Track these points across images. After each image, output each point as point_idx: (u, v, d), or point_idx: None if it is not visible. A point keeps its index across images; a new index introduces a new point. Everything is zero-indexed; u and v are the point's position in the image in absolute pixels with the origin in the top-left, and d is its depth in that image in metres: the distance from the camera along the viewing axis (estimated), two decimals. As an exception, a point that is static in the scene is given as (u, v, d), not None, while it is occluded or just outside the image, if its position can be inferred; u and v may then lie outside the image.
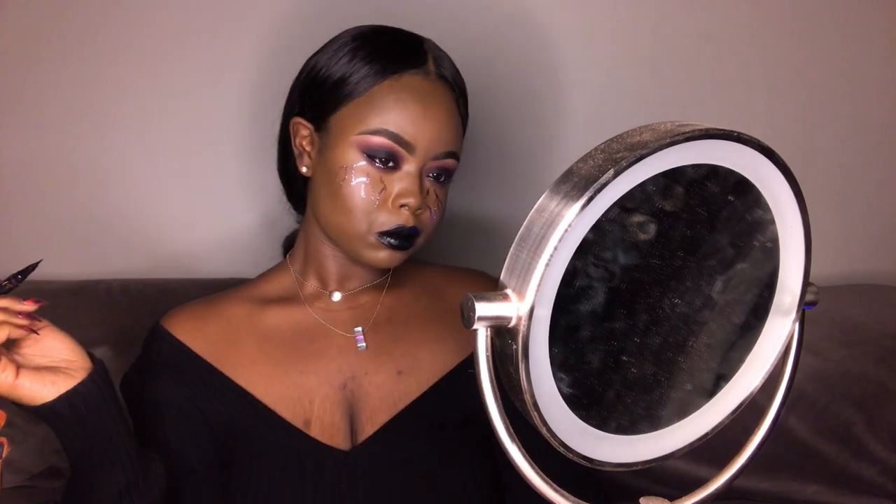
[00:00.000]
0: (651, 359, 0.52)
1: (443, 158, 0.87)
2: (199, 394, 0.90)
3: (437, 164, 0.87)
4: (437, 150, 0.86)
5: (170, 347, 0.92)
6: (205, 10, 1.20)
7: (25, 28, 1.18)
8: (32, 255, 1.24)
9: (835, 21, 1.30)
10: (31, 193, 1.23)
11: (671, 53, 1.29)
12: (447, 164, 0.88)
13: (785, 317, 0.55)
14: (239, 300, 0.96)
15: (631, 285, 0.50)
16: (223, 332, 0.93)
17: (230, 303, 0.96)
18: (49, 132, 1.21)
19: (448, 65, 0.91)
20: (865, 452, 1.15)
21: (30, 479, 1.11)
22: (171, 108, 1.22)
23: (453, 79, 0.90)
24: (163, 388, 0.90)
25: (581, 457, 0.51)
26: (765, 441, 0.59)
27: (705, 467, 1.10)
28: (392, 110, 0.85)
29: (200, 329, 0.93)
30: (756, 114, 1.31)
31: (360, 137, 0.85)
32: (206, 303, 0.96)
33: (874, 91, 1.32)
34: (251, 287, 0.99)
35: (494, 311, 0.46)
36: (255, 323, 0.94)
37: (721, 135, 0.47)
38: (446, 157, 0.87)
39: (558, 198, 0.46)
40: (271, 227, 1.24)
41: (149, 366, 0.92)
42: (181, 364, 0.91)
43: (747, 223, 0.52)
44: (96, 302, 1.17)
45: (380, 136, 0.84)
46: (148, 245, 1.26)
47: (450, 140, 0.87)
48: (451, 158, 0.88)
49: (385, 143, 0.84)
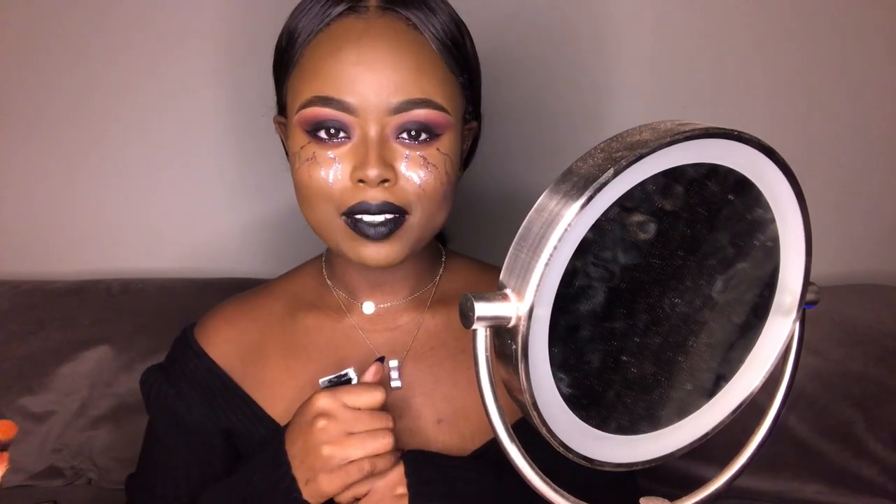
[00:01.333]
0: (651, 359, 0.52)
1: (407, 109, 0.68)
2: (225, 416, 0.81)
3: (402, 118, 0.68)
4: (392, 101, 0.68)
5: (197, 362, 0.83)
6: (205, 10, 1.20)
7: (25, 28, 1.18)
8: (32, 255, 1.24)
9: (835, 20, 1.30)
10: (31, 193, 1.23)
11: (672, 53, 1.29)
12: (418, 117, 0.68)
13: (785, 316, 0.55)
14: (275, 297, 0.85)
15: (631, 285, 0.50)
16: (254, 343, 0.82)
17: (267, 300, 0.85)
18: (49, 132, 1.21)
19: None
20: (865, 452, 1.15)
21: (30, 479, 1.11)
22: (171, 108, 1.22)
23: (413, 11, 0.71)
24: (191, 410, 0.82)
25: (581, 457, 0.51)
26: (765, 441, 0.59)
27: (705, 467, 1.10)
28: (322, 70, 0.68)
29: (232, 340, 0.83)
30: (756, 113, 1.31)
31: (299, 115, 0.70)
32: (241, 303, 0.86)
33: (875, 91, 1.32)
34: (288, 281, 0.87)
35: (494, 311, 0.46)
36: (287, 331, 0.82)
37: (722, 134, 0.47)
38: (412, 108, 0.68)
39: (558, 197, 0.46)
40: (272, 227, 1.25)
41: (175, 378, 0.83)
42: (208, 383, 0.82)
43: (748, 222, 0.52)
44: (96, 302, 1.17)
45: (313, 106, 0.68)
46: (148, 245, 1.26)
47: (406, 84, 0.68)
48: (422, 108, 0.68)
49: (321, 114, 0.68)
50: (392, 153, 0.69)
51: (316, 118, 0.69)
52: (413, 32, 0.70)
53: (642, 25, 1.28)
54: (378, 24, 0.69)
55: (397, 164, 0.70)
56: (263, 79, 1.22)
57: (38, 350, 1.13)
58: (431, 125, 0.70)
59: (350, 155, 0.69)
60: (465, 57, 0.75)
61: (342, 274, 0.81)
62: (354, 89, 0.68)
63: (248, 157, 1.24)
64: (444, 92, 0.71)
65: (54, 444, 1.12)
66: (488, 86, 0.87)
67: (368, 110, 0.68)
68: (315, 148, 0.70)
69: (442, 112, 0.70)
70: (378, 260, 0.71)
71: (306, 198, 0.72)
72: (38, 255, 1.24)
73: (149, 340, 1.13)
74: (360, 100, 0.68)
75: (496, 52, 1.23)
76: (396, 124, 0.69)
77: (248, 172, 1.24)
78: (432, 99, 0.69)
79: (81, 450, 1.13)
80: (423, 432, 0.78)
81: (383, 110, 0.68)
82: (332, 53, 0.68)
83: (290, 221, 1.18)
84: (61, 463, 1.12)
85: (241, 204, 1.26)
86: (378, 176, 0.68)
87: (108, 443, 1.13)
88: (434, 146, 0.70)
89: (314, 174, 0.70)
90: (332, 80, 0.68)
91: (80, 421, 1.13)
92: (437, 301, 0.82)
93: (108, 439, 1.13)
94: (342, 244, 0.72)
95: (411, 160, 0.70)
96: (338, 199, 0.70)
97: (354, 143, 0.69)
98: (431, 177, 0.70)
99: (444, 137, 0.71)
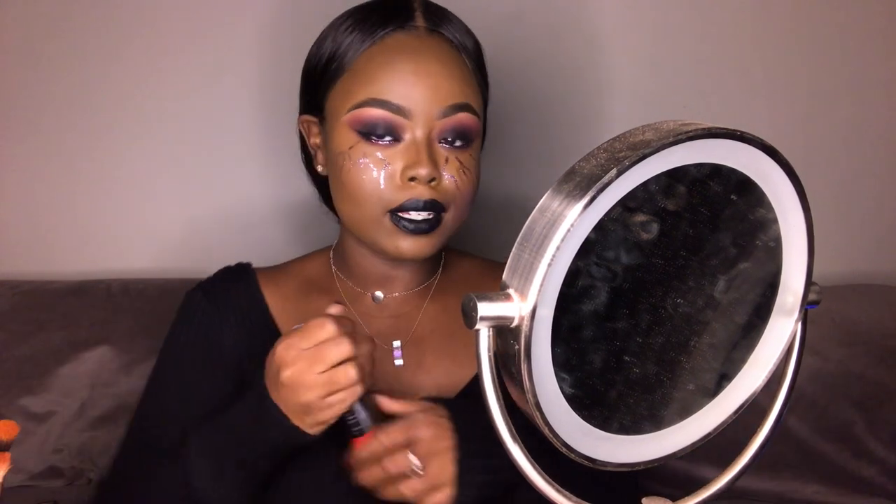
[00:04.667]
0: (653, 359, 0.52)
1: (452, 114, 0.77)
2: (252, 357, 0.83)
3: (448, 122, 0.77)
4: (440, 105, 0.76)
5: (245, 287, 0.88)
6: (205, 10, 1.20)
7: (25, 28, 1.18)
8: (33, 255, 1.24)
9: (835, 20, 1.30)
10: (31, 193, 1.23)
11: (672, 53, 1.29)
12: (461, 120, 0.77)
13: (787, 316, 0.55)
14: (295, 277, 0.91)
15: (633, 285, 0.50)
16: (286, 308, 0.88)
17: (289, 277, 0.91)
18: (49, 132, 1.21)
19: (445, 19, 0.81)
20: (865, 452, 1.15)
21: (30, 480, 1.11)
22: (172, 108, 1.22)
23: (453, 32, 0.81)
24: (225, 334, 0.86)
25: (583, 457, 0.51)
26: (767, 441, 0.59)
27: (707, 467, 1.10)
28: (378, 76, 0.76)
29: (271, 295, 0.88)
30: (758, 113, 1.31)
31: (350, 115, 0.77)
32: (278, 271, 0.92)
33: (876, 91, 1.32)
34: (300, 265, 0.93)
35: (497, 311, 0.46)
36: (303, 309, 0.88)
37: (724, 134, 0.47)
38: (457, 112, 0.77)
39: (560, 197, 0.46)
40: (272, 226, 1.25)
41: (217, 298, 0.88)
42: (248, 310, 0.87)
43: (750, 222, 0.52)
44: (96, 302, 1.17)
45: (368, 107, 0.76)
46: (148, 245, 1.26)
47: (454, 91, 0.77)
48: (464, 112, 0.78)
49: (376, 115, 0.76)
50: (437, 155, 0.78)
51: (371, 118, 0.76)
52: (454, 51, 0.80)
53: (642, 25, 1.28)
54: (428, 42, 0.79)
55: (440, 166, 0.78)
56: (265, 78, 1.22)
57: (38, 350, 1.13)
58: (468, 130, 0.78)
59: (401, 155, 0.77)
60: (485, 78, 0.86)
61: (354, 266, 0.88)
62: (410, 95, 0.76)
63: (249, 158, 1.24)
64: (477, 101, 0.80)
65: (54, 445, 1.12)
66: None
67: (420, 114, 0.76)
68: (365, 148, 0.76)
69: (476, 117, 0.79)
70: (415, 252, 0.78)
71: (354, 197, 0.78)
72: (38, 255, 1.24)
73: (149, 340, 1.13)
74: (414, 104, 0.76)
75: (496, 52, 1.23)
76: (443, 128, 0.77)
77: (248, 173, 1.24)
78: (471, 104, 0.79)
79: (82, 450, 1.12)
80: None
81: (433, 115, 0.76)
82: (388, 63, 0.76)
83: (291, 221, 1.18)
84: (61, 463, 1.12)
85: (241, 204, 1.26)
86: (429, 174, 0.76)
87: (108, 443, 1.13)
88: (468, 151, 0.80)
89: (367, 174, 0.76)
90: (389, 86, 0.76)
91: (81, 421, 1.12)
92: (438, 291, 0.90)
93: (108, 439, 1.13)
94: (382, 239, 0.79)
95: (451, 163, 0.78)
96: (388, 197, 0.77)
97: (405, 144, 0.77)
98: (466, 179, 0.79)
99: (475, 143, 0.81)
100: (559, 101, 1.27)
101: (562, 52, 1.26)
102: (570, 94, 1.27)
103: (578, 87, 1.28)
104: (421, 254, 0.79)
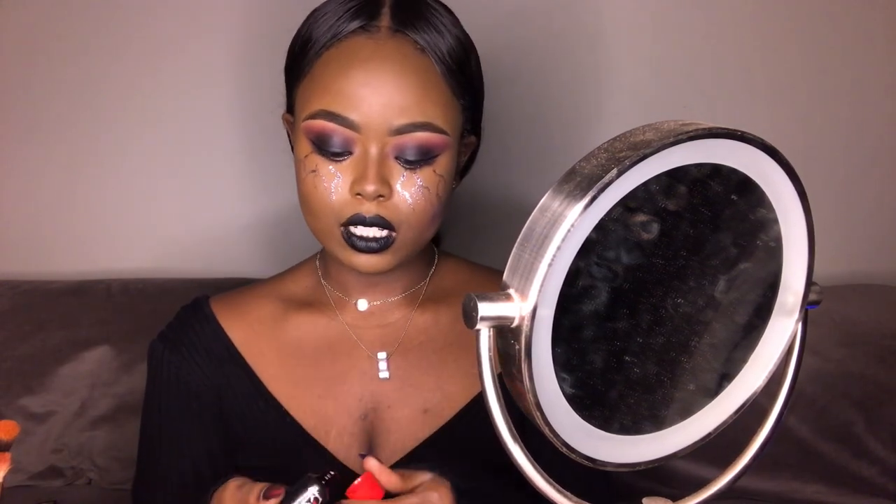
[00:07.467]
0: (654, 359, 0.52)
1: (409, 132, 0.72)
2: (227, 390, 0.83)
3: (403, 140, 0.72)
4: (395, 122, 0.71)
5: (205, 325, 0.85)
6: (205, 11, 1.20)
7: (25, 28, 1.18)
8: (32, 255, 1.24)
9: (835, 20, 1.30)
10: (31, 193, 1.23)
11: (672, 53, 1.29)
12: (419, 140, 0.72)
13: (788, 316, 0.55)
14: (267, 298, 0.87)
15: (634, 285, 0.50)
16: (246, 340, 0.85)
17: (258, 301, 0.87)
18: (49, 132, 1.21)
19: (417, 16, 0.74)
20: (865, 452, 1.15)
21: (30, 479, 1.11)
22: (171, 107, 1.22)
23: (423, 33, 0.74)
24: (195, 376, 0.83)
25: (584, 457, 0.51)
26: (768, 441, 0.59)
27: (707, 467, 1.10)
28: (330, 86, 0.72)
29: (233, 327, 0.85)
30: (758, 113, 1.31)
31: (305, 124, 0.74)
32: (230, 301, 0.88)
33: (877, 91, 1.32)
34: (280, 282, 0.90)
35: (497, 311, 0.46)
36: (279, 330, 0.85)
37: (725, 134, 0.47)
38: (414, 130, 0.72)
39: (561, 197, 0.46)
40: (272, 226, 1.25)
41: (177, 343, 0.85)
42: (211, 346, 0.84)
43: (750, 222, 0.52)
44: (96, 302, 1.17)
45: (320, 118, 0.72)
46: (148, 245, 1.26)
47: (408, 108, 0.71)
48: (423, 131, 0.72)
49: (327, 127, 0.72)
50: (389, 171, 0.73)
51: (322, 131, 0.73)
52: (420, 56, 0.74)
53: (642, 25, 1.28)
54: (387, 47, 0.73)
55: (393, 182, 0.74)
56: (264, 79, 1.22)
57: (38, 350, 1.13)
58: (429, 147, 0.73)
59: (350, 169, 0.73)
60: (468, 79, 0.79)
61: (337, 273, 0.85)
62: (360, 108, 0.71)
63: (249, 157, 1.24)
64: (445, 115, 0.74)
65: (54, 445, 1.12)
66: (487, 87, 0.87)
67: (371, 129, 0.72)
68: (318, 160, 0.74)
69: (441, 134, 0.74)
70: (370, 268, 0.75)
71: (308, 206, 0.76)
72: (38, 255, 1.24)
73: (149, 340, 1.13)
74: (365, 119, 0.72)
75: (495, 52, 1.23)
76: (395, 145, 0.73)
77: (248, 172, 1.24)
78: (433, 122, 0.73)
79: (82, 450, 1.13)
80: (410, 421, 0.81)
81: (385, 130, 0.72)
82: (341, 71, 0.72)
83: (290, 221, 1.18)
84: (61, 463, 1.12)
85: (241, 204, 1.26)
86: (374, 191, 0.72)
87: (108, 443, 1.13)
88: (430, 168, 0.74)
89: (318, 185, 0.74)
90: (339, 98, 0.72)
91: (81, 421, 1.13)
92: (427, 299, 0.86)
93: (108, 439, 1.13)
94: (338, 251, 0.76)
95: (406, 180, 0.73)
96: (337, 210, 0.74)
97: (355, 157, 0.73)
98: (423, 198, 0.74)
99: (441, 158, 0.75)
100: (559, 101, 1.27)
101: (562, 52, 1.26)
102: (570, 94, 1.27)
103: (578, 87, 1.27)
104: (376, 269, 0.76)
